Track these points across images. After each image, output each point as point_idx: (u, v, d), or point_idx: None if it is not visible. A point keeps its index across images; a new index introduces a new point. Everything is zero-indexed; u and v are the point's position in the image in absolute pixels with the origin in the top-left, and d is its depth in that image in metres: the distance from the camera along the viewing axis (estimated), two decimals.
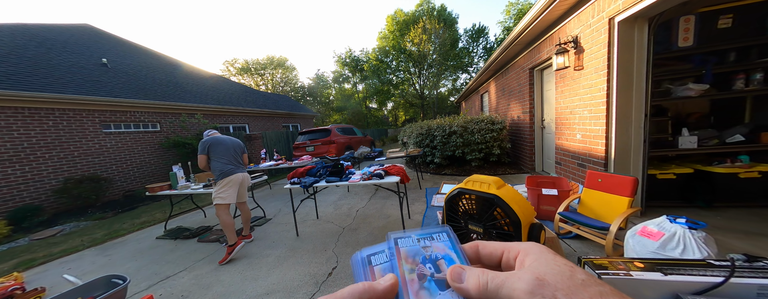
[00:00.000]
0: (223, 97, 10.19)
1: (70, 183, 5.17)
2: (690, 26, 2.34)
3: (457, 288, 0.23)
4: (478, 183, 0.64)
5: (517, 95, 4.96)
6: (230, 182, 2.58)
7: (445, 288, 0.24)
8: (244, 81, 26.22)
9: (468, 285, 0.22)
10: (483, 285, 0.21)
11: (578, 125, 2.96)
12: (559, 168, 3.53)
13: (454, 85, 24.08)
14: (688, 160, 2.70)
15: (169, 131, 7.35)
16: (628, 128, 2.39)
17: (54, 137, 5.26)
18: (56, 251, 3.18)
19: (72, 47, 7.31)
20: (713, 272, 0.59)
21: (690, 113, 2.80)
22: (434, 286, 0.24)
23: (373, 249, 0.31)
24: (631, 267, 0.63)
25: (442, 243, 0.29)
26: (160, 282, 2.25)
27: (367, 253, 0.30)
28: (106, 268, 2.63)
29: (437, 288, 0.24)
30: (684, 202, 2.59)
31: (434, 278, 0.25)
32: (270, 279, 2.09)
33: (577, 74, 2.92)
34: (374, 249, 0.31)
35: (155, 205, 5.32)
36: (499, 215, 0.58)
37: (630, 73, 2.32)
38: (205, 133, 2.76)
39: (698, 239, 1.32)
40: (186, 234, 3.24)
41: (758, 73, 2.32)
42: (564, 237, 2.22)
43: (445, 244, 0.29)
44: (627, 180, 1.92)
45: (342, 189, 4.80)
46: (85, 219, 4.69)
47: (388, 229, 2.80)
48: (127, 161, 6.41)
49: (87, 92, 5.79)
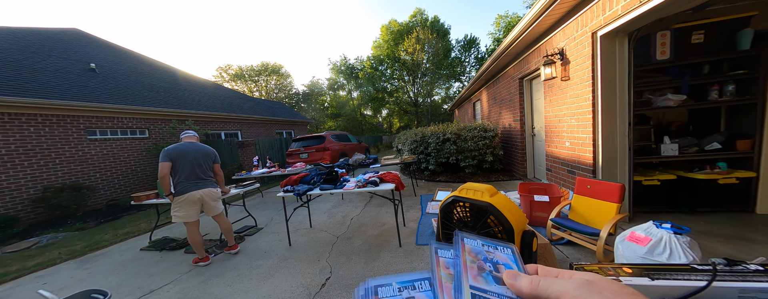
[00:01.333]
0: (216, 103, 10.07)
1: (49, 192, 4.93)
2: (666, 41, 2.49)
3: (510, 284, 0.25)
4: (472, 191, 0.65)
5: (508, 104, 5.10)
6: (183, 201, 2.44)
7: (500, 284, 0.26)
8: (238, 87, 26.05)
9: (521, 283, 0.24)
10: (535, 282, 0.23)
11: (566, 133, 3.06)
12: (550, 174, 3.60)
13: (447, 93, 24.58)
14: (670, 167, 2.81)
15: (158, 137, 7.17)
16: (613, 136, 2.48)
17: (34, 144, 5.05)
18: (31, 264, 3.00)
19: (59, 52, 7.15)
20: (697, 276, 0.61)
21: (671, 122, 2.93)
22: (491, 279, 0.27)
23: (380, 281, 0.30)
24: (621, 273, 0.64)
25: (506, 255, 0.31)
26: (144, 296, 2.14)
27: (374, 284, 0.29)
28: (85, 282, 2.49)
29: (493, 281, 0.26)
30: (669, 208, 2.68)
31: (492, 274, 0.27)
32: (261, 292, 2.02)
33: (564, 84, 3.03)
34: (381, 281, 0.30)
35: (141, 215, 5.12)
36: (493, 222, 0.59)
37: (613, 83, 2.43)
38: (182, 134, 2.66)
39: (684, 244, 1.37)
40: (172, 245, 3.11)
41: (731, 85, 2.47)
42: (556, 244, 2.24)
43: (508, 256, 0.31)
44: (614, 186, 1.98)
45: (336, 197, 4.74)
46: (64, 230, 4.46)
47: (383, 238, 2.78)
48: (113, 169, 6.18)
49: (72, 97, 5.63)
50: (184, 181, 2.48)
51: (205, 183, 2.55)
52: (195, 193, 2.47)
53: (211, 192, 2.57)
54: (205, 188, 2.54)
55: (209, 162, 2.64)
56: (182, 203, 2.46)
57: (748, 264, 0.64)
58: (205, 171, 2.59)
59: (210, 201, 2.57)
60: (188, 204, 2.47)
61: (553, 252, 1.79)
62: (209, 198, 2.56)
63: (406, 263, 2.21)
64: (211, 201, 2.58)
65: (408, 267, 2.14)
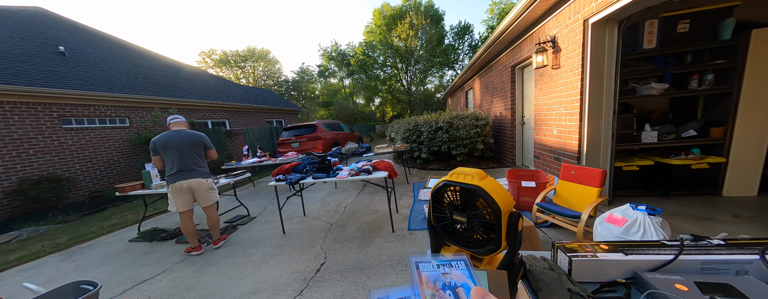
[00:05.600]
0: (200, 90, 9.64)
1: (25, 185, 4.70)
2: (654, 29, 2.53)
3: None
4: (463, 175, 0.67)
5: (500, 92, 5.13)
6: (171, 191, 2.42)
7: None
8: (223, 74, 24.91)
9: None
10: None
11: (555, 121, 3.13)
12: (538, 161, 3.72)
13: (440, 82, 24.42)
14: (649, 154, 2.95)
15: (141, 126, 6.86)
16: (598, 124, 2.56)
17: (4, 134, 4.74)
18: (13, 258, 2.91)
19: (21, 33, 6.55)
20: (666, 251, 0.66)
21: (652, 110, 3.05)
22: None
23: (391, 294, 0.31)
24: (597, 250, 0.69)
25: (460, 270, 0.33)
26: (136, 286, 2.13)
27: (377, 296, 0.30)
28: (73, 275, 2.45)
29: None
30: (645, 191, 2.84)
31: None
32: (256, 278, 2.05)
33: (554, 73, 3.06)
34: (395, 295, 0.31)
35: (127, 206, 4.99)
36: (482, 205, 0.61)
37: (601, 72, 2.48)
38: (168, 119, 2.57)
39: (656, 224, 1.47)
40: (163, 236, 3.08)
41: (710, 74, 2.56)
42: (541, 226, 2.36)
43: (462, 271, 0.32)
44: (596, 172, 2.07)
45: (329, 186, 4.76)
46: (45, 223, 4.30)
47: (376, 224, 2.84)
48: (93, 159, 5.92)
49: (42, 83, 5.24)
50: (171, 171, 2.42)
51: (192, 173, 2.46)
52: (182, 183, 2.41)
53: (200, 182, 2.49)
54: (194, 178, 2.46)
55: (198, 151, 2.53)
56: (171, 193, 2.42)
57: (712, 240, 0.69)
58: (194, 160, 2.49)
59: (200, 191, 2.51)
60: (176, 193, 2.42)
61: (537, 234, 1.89)
62: (199, 188, 2.49)
63: (398, 247, 2.28)
64: (201, 192, 2.51)
65: (400, 251, 2.22)
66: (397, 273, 1.92)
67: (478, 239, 0.65)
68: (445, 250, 0.77)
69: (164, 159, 2.44)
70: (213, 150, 2.67)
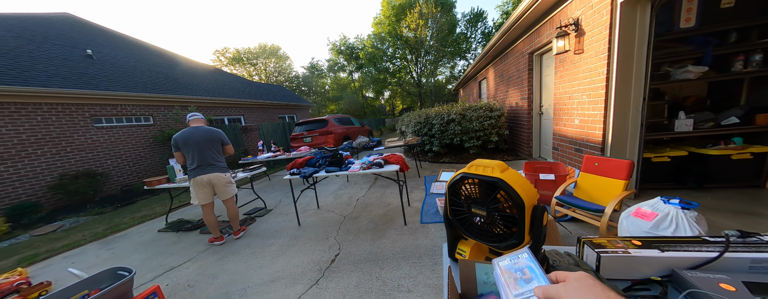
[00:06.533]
0: (217, 88, 9.95)
1: (65, 179, 5.12)
2: (693, 6, 2.28)
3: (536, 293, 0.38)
4: (482, 167, 0.63)
5: (516, 81, 4.91)
6: (193, 185, 2.54)
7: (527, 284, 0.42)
8: (237, 71, 25.55)
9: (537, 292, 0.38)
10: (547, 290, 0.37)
11: (576, 110, 2.96)
12: (556, 153, 3.56)
13: (451, 73, 23.73)
14: (682, 143, 2.73)
15: (163, 124, 7.21)
16: (626, 112, 2.39)
17: (44, 133, 5.14)
18: (58, 246, 3.20)
19: (53, 38, 6.98)
20: (708, 248, 0.60)
21: (687, 96, 2.80)
22: (522, 282, 0.42)
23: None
24: (629, 245, 0.64)
25: (524, 259, 0.46)
26: (166, 273, 2.29)
27: None
28: (110, 261, 2.66)
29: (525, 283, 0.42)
30: (676, 184, 2.65)
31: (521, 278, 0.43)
32: (274, 267, 2.14)
33: (577, 58, 2.87)
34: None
35: (154, 199, 5.32)
36: (503, 198, 0.58)
37: (630, 56, 2.29)
38: (188, 116, 2.68)
39: (691, 218, 1.36)
40: (188, 226, 3.26)
41: (757, 54, 2.30)
42: (560, 220, 2.27)
43: (526, 259, 0.46)
44: (623, 163, 1.95)
45: (341, 180, 4.82)
46: (84, 215, 4.69)
47: (388, 217, 2.85)
48: (122, 155, 6.32)
49: (74, 85, 5.60)
50: (191, 166, 2.53)
51: (211, 168, 2.56)
52: (202, 177, 2.53)
53: (219, 176, 2.60)
54: (213, 173, 2.56)
55: (216, 146, 2.63)
56: (193, 187, 2.55)
57: (763, 236, 0.63)
58: (212, 155, 2.58)
59: (219, 184, 2.62)
60: (197, 187, 2.55)
61: (557, 228, 1.82)
62: (218, 182, 2.60)
63: (411, 240, 2.29)
64: (220, 185, 2.63)
65: (413, 243, 2.22)
66: (410, 265, 1.93)
67: (499, 233, 0.63)
68: (463, 244, 0.75)
69: (185, 154, 2.55)
70: (230, 146, 2.76)
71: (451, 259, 0.76)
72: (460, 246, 0.74)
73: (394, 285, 1.74)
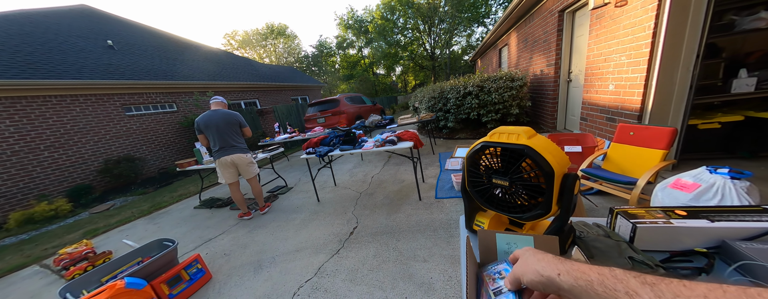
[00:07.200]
0: (231, 72, 10.06)
1: (109, 164, 5.66)
2: None
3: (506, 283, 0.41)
4: (506, 135, 0.58)
5: (542, 45, 4.44)
6: (217, 166, 2.69)
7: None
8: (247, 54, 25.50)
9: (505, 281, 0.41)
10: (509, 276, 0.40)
11: (612, 74, 2.65)
12: (585, 124, 3.30)
13: (468, 42, 21.96)
14: (737, 107, 2.39)
15: (186, 110, 7.55)
16: (673, 73, 2.09)
17: (84, 123, 5.59)
18: (113, 221, 3.64)
19: (76, 31, 7.23)
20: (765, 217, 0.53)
21: (750, 52, 2.36)
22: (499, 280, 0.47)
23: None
24: (672, 216, 0.58)
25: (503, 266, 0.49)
26: (204, 243, 2.54)
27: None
28: (157, 234, 3.00)
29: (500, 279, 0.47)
30: (724, 153, 2.39)
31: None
32: (298, 239, 2.30)
33: (618, 12, 2.49)
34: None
35: (188, 180, 5.79)
36: (530, 166, 0.53)
37: (686, 4, 1.93)
38: (211, 100, 2.78)
39: (741, 189, 1.22)
40: (219, 204, 3.55)
41: None
42: (585, 193, 2.17)
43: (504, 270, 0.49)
44: (664, 131, 1.75)
45: (356, 158, 4.89)
46: (130, 195, 5.24)
47: (403, 193, 2.89)
48: (155, 141, 6.80)
49: (102, 76, 5.91)
50: (215, 148, 2.66)
51: (233, 149, 2.68)
52: (226, 158, 2.66)
53: (240, 157, 2.72)
54: (234, 154, 2.68)
55: (235, 129, 2.72)
56: (218, 167, 2.70)
57: None
58: (232, 137, 2.69)
59: (241, 165, 2.76)
60: (222, 167, 2.70)
61: (581, 201, 1.74)
62: (240, 163, 2.74)
63: (426, 214, 2.32)
64: (242, 166, 2.76)
65: (428, 218, 2.25)
66: (426, 237, 1.98)
67: (522, 204, 0.58)
68: (481, 216, 0.72)
69: (207, 137, 2.67)
70: (247, 128, 2.85)
71: (468, 230, 0.74)
72: (479, 218, 0.72)
73: (410, 255, 1.81)
